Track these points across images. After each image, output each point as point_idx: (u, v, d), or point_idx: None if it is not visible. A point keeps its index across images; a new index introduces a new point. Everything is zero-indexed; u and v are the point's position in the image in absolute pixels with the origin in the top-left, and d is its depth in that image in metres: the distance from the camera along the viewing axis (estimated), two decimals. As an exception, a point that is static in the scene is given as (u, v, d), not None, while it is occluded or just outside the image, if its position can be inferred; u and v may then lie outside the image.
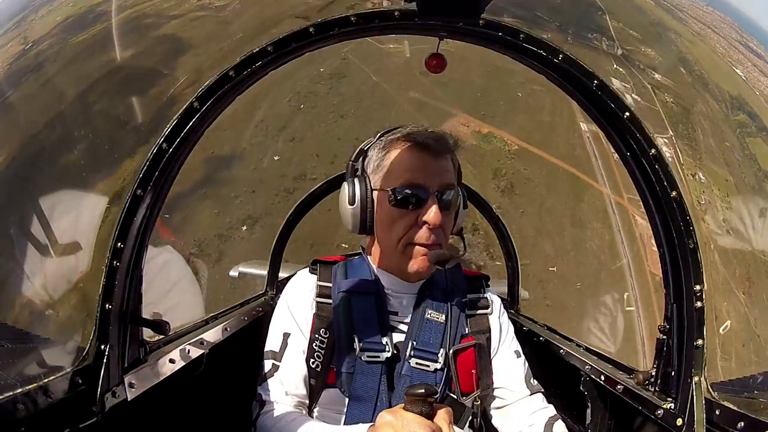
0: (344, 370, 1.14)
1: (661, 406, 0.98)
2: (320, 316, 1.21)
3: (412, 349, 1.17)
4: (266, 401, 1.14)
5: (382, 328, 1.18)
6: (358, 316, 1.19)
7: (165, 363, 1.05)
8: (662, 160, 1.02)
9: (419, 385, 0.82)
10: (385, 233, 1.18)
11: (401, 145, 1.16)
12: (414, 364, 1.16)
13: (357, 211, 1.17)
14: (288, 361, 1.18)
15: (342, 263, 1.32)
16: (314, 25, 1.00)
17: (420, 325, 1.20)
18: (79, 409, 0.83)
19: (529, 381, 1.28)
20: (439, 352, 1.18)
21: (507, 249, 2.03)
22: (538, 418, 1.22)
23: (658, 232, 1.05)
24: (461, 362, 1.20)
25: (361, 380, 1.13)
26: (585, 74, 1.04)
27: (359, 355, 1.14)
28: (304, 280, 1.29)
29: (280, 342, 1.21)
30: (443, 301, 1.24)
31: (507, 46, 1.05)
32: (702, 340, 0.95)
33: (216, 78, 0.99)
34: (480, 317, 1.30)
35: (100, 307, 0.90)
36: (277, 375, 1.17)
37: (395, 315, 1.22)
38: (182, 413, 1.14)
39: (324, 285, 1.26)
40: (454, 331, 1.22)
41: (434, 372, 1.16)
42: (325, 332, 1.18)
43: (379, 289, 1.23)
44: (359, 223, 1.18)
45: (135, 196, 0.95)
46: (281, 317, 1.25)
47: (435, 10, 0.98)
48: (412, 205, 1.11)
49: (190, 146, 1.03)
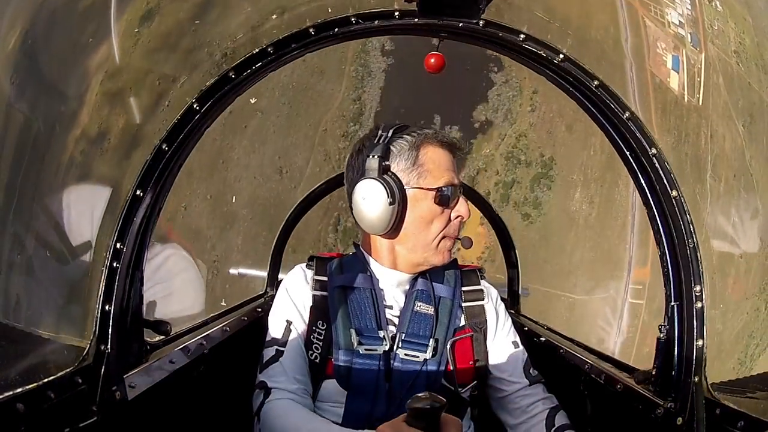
0: (342, 362, 1.14)
1: (661, 406, 0.98)
2: (317, 309, 1.22)
3: (400, 340, 1.18)
4: (272, 388, 1.12)
5: (378, 321, 1.19)
6: (355, 309, 1.20)
7: (165, 363, 1.05)
8: (662, 160, 1.02)
9: (424, 398, 0.73)
10: (421, 231, 1.19)
11: (434, 145, 1.20)
12: (403, 355, 1.16)
13: (395, 210, 1.14)
14: (292, 347, 1.18)
15: (338, 259, 1.33)
16: (314, 26, 1.00)
17: (410, 317, 1.21)
18: (79, 409, 0.83)
19: (528, 370, 1.28)
20: (428, 343, 1.18)
21: (506, 247, 2.03)
22: (539, 408, 1.22)
23: (658, 232, 1.05)
24: (458, 353, 1.21)
25: (359, 373, 1.14)
26: (585, 74, 1.04)
27: (357, 348, 1.14)
28: (301, 273, 1.30)
29: (283, 329, 1.20)
30: (434, 294, 1.25)
31: (507, 46, 1.06)
32: (702, 340, 0.95)
33: (216, 79, 0.99)
34: (475, 308, 1.31)
35: (100, 309, 0.90)
36: (281, 360, 1.16)
37: (390, 309, 1.24)
38: (182, 413, 1.13)
39: (320, 279, 1.27)
40: (448, 323, 1.23)
41: (423, 362, 1.16)
42: (322, 324, 1.19)
43: (374, 283, 1.24)
44: (393, 223, 1.16)
45: (135, 196, 0.95)
46: (283, 306, 1.25)
47: (435, 10, 0.98)
48: (452, 203, 1.20)
49: (190, 147, 1.04)
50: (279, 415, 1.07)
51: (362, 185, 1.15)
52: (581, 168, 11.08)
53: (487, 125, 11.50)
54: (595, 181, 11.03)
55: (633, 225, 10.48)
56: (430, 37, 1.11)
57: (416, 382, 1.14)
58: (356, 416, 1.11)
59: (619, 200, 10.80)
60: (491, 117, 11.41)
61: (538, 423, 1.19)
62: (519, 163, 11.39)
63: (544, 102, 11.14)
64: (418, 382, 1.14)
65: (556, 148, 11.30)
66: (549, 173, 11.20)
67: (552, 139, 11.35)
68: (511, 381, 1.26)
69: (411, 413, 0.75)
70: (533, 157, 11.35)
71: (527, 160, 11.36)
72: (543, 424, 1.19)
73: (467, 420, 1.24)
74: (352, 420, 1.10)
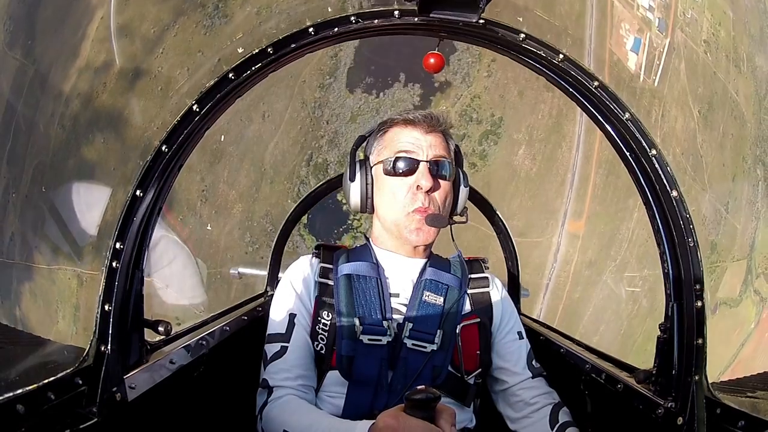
0: (345, 353, 1.13)
1: (661, 405, 0.98)
2: (322, 298, 1.22)
3: (409, 330, 1.17)
4: (274, 387, 1.12)
5: (383, 310, 1.18)
6: (360, 298, 1.19)
7: (165, 364, 1.05)
8: (662, 160, 1.02)
9: (420, 390, 0.81)
10: (386, 206, 1.26)
11: (398, 125, 1.28)
12: (410, 345, 1.15)
13: (358, 187, 1.28)
14: (296, 343, 1.17)
15: (345, 250, 1.34)
16: (314, 26, 1.00)
17: (418, 307, 1.20)
18: (80, 410, 0.83)
19: (531, 363, 1.28)
20: (436, 333, 1.17)
21: (507, 247, 2.02)
22: (541, 402, 1.21)
23: (658, 232, 1.05)
24: (464, 340, 1.20)
25: (362, 363, 1.13)
26: (585, 74, 1.04)
27: (360, 338, 1.14)
28: (307, 262, 1.31)
29: (286, 323, 1.20)
30: (442, 283, 1.25)
31: (507, 46, 1.05)
32: (702, 339, 0.95)
33: (215, 81, 0.99)
34: (481, 295, 1.31)
35: (99, 309, 0.90)
36: (285, 357, 1.15)
37: (396, 297, 1.23)
38: (183, 414, 1.13)
39: (326, 267, 1.27)
40: (455, 311, 1.23)
41: (431, 353, 1.15)
42: (327, 314, 1.19)
43: (380, 272, 1.24)
44: (360, 200, 1.28)
45: (134, 196, 0.95)
46: (286, 299, 1.24)
47: (435, 9, 0.98)
48: (403, 171, 1.22)
49: (189, 148, 1.03)
50: (279, 413, 1.07)
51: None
52: (527, 129, 12.32)
53: (446, 85, 12.69)
54: (540, 141, 12.26)
55: (572, 182, 11.86)
56: (430, 36, 1.10)
57: (423, 372, 1.14)
58: (357, 407, 1.11)
59: (560, 160, 12.06)
60: (450, 79, 12.57)
61: (540, 418, 1.19)
62: (471, 120, 12.52)
63: (500, 69, 12.35)
64: (424, 372, 1.14)
65: (506, 110, 12.52)
66: (497, 131, 12.42)
67: (503, 102, 12.57)
68: (515, 372, 1.26)
69: (409, 404, 0.81)
70: (484, 116, 12.55)
71: (479, 118, 12.54)
72: (546, 419, 1.18)
73: (469, 413, 1.24)
74: (353, 411, 1.10)
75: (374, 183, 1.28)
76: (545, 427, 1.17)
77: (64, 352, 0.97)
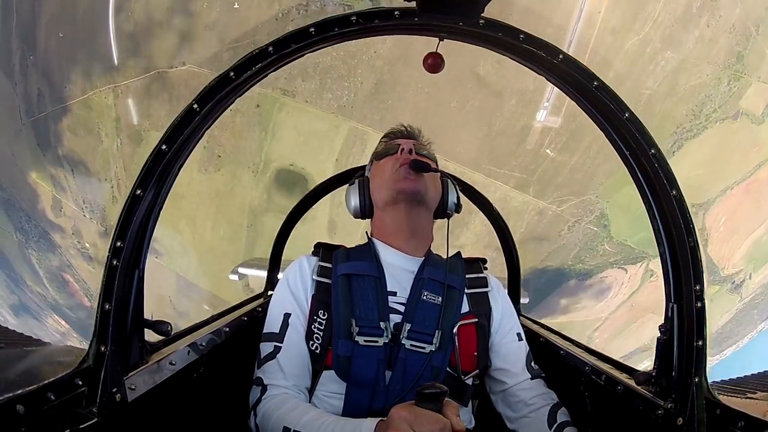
0: (342, 353, 1.13)
1: (661, 406, 0.98)
2: (319, 297, 1.22)
3: (407, 330, 1.16)
4: (268, 385, 1.13)
5: (380, 311, 1.18)
6: (357, 298, 1.19)
7: (165, 364, 1.05)
8: (662, 160, 1.02)
9: (431, 385, 0.87)
10: (378, 183, 1.34)
11: (388, 137, 1.47)
12: (409, 345, 1.15)
13: (356, 188, 1.38)
14: (290, 343, 1.17)
15: (345, 248, 1.34)
16: (314, 26, 1.00)
17: (416, 306, 1.20)
18: (80, 410, 0.83)
19: (530, 365, 1.28)
20: (434, 334, 1.17)
21: (507, 247, 2.02)
22: (540, 402, 1.22)
23: (658, 231, 1.05)
24: (462, 340, 1.20)
25: (359, 364, 1.12)
26: (585, 74, 1.04)
27: (357, 339, 1.13)
28: (305, 261, 1.31)
29: (280, 323, 1.20)
30: (441, 282, 1.24)
31: (506, 46, 1.05)
32: (702, 340, 0.95)
33: (216, 80, 0.99)
34: (479, 295, 1.31)
35: (99, 308, 0.90)
36: (278, 357, 1.16)
37: (393, 295, 1.23)
38: (183, 415, 1.13)
39: (324, 265, 1.27)
40: (453, 311, 1.22)
41: (429, 354, 1.15)
42: (323, 314, 1.18)
43: (379, 270, 1.24)
44: (359, 199, 1.36)
45: (135, 196, 0.95)
46: (281, 298, 1.24)
47: (435, 9, 0.98)
48: (389, 151, 1.35)
49: (189, 148, 1.03)
50: (276, 409, 1.07)
51: None
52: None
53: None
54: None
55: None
56: (430, 36, 1.10)
57: (423, 373, 1.14)
58: (355, 408, 1.10)
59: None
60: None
61: (539, 418, 1.19)
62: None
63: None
64: (424, 373, 1.14)
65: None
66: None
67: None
68: (514, 373, 1.26)
69: (420, 397, 0.87)
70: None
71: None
72: (545, 419, 1.18)
73: (468, 413, 1.24)
74: (352, 412, 1.10)
75: (371, 180, 1.38)
76: (543, 427, 1.17)
77: (64, 353, 0.97)
